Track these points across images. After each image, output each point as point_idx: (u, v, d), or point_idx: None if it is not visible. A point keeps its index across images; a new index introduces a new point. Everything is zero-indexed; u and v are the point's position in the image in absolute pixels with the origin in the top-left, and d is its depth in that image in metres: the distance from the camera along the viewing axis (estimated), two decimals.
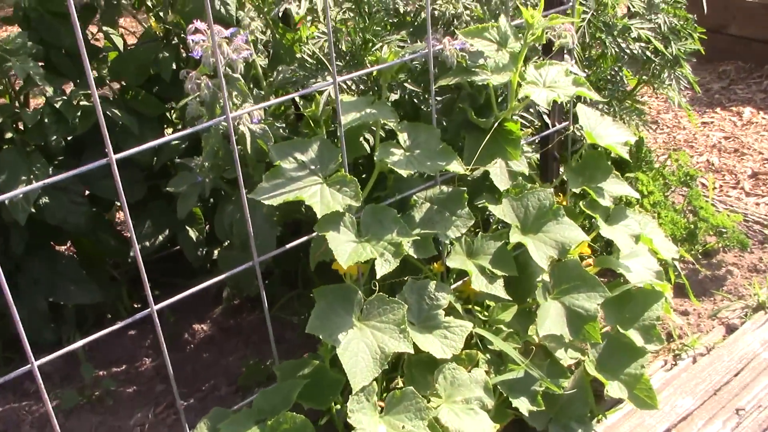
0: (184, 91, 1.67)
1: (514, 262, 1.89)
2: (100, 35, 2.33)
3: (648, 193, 2.56)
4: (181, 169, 2.07)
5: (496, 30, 1.73)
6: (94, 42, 2.34)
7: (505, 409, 1.85)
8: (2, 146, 2.08)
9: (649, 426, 1.94)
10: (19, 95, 2.11)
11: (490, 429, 1.69)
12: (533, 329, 1.93)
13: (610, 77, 2.57)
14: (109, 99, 2.25)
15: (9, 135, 2.08)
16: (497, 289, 1.82)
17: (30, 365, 1.38)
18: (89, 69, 1.30)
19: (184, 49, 2.27)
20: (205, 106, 1.76)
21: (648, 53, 2.51)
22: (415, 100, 2.01)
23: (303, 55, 1.94)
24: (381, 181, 1.90)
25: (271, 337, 1.76)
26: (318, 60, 1.89)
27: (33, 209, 2.06)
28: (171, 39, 2.27)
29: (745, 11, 4.52)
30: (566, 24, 1.88)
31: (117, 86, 2.34)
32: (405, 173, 1.66)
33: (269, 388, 1.69)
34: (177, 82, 1.91)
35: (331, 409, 1.81)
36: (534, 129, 2.16)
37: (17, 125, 2.15)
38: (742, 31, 4.58)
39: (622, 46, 2.46)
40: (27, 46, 1.93)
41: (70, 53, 2.19)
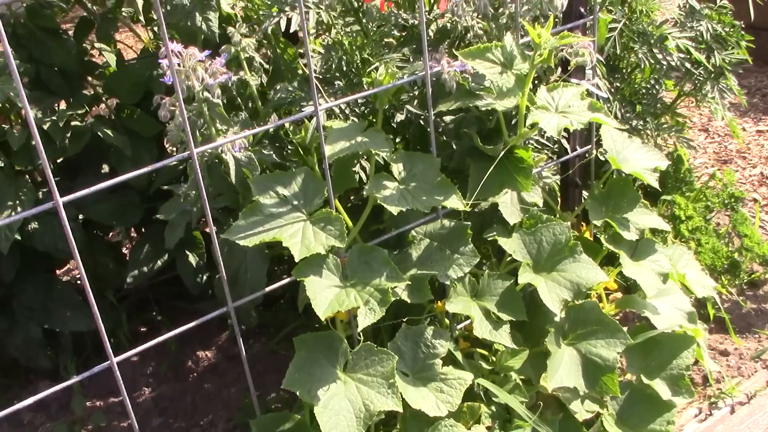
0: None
1: (523, 305, 1.71)
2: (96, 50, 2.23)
3: (686, 218, 2.33)
4: (172, 195, 1.94)
5: (500, 50, 1.55)
6: (91, 58, 2.23)
7: None
8: None
9: None
10: (6, 116, 2.02)
11: None
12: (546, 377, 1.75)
13: (645, 91, 2.35)
14: (104, 118, 2.14)
15: None
16: (502, 336, 1.64)
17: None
18: None
19: None
20: (185, 133, 1.63)
21: (687, 65, 2.28)
22: (422, 122, 1.84)
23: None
24: (379, 213, 1.74)
25: (251, 388, 1.61)
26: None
27: (19, 236, 1.97)
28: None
29: None
30: (585, 41, 1.68)
31: (114, 104, 2.23)
32: (395, 210, 1.50)
33: None
34: None
35: None
36: (552, 152, 1.96)
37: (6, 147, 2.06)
38: None
39: (659, 57, 2.24)
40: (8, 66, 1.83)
41: (62, 70, 2.08)
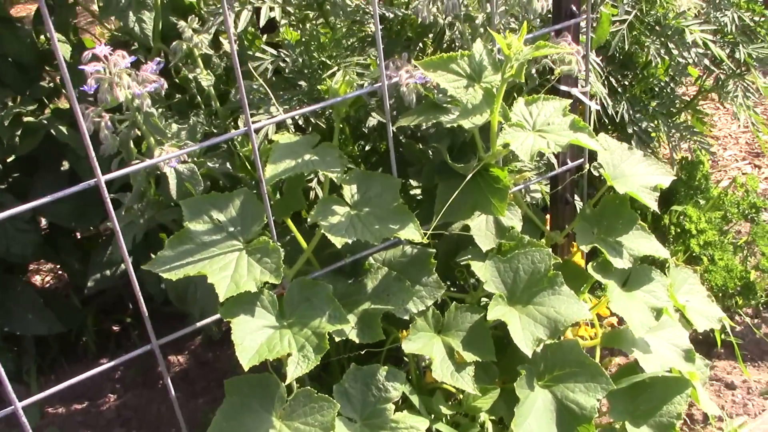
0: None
1: (492, 343, 1.53)
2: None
3: (698, 231, 2.11)
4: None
5: (467, 60, 1.34)
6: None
7: None
8: None
9: None
10: None
11: None
12: None
13: (659, 89, 2.12)
14: (64, 112, 2.00)
15: None
16: (465, 380, 1.46)
17: None
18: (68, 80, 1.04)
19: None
20: (120, 144, 1.47)
21: (706, 61, 2.04)
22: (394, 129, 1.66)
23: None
24: None
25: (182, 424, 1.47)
26: (268, 83, 1.56)
27: None
28: (131, 44, 1.98)
29: None
30: (573, 46, 1.47)
31: None
32: (338, 243, 1.32)
33: None
34: None
35: None
36: (539, 165, 1.76)
37: None
38: None
39: (674, 53, 2.00)
40: None
41: (16, 61, 1.93)
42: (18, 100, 1.95)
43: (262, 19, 1.47)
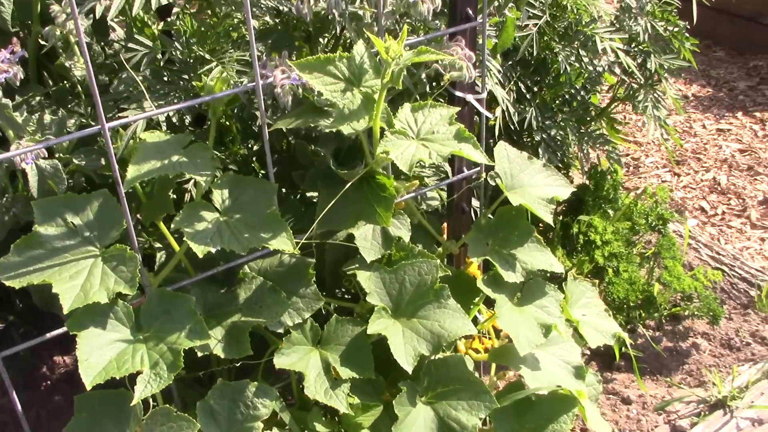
0: None
1: (372, 359, 1.46)
2: None
3: (602, 243, 2.08)
4: None
5: (346, 62, 1.26)
6: None
7: None
8: None
9: None
10: None
11: None
12: None
13: (569, 96, 2.07)
14: None
15: None
16: (337, 399, 1.39)
17: None
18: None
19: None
20: None
21: (617, 69, 2.01)
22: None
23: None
24: None
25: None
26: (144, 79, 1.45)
27: None
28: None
29: None
30: (464, 51, 1.40)
31: None
32: (200, 252, 1.24)
33: None
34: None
35: None
36: (438, 171, 1.70)
37: None
38: None
39: (585, 60, 1.96)
40: None
41: None
42: None
43: (153, 3, 1.36)
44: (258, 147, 1.62)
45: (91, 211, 1.28)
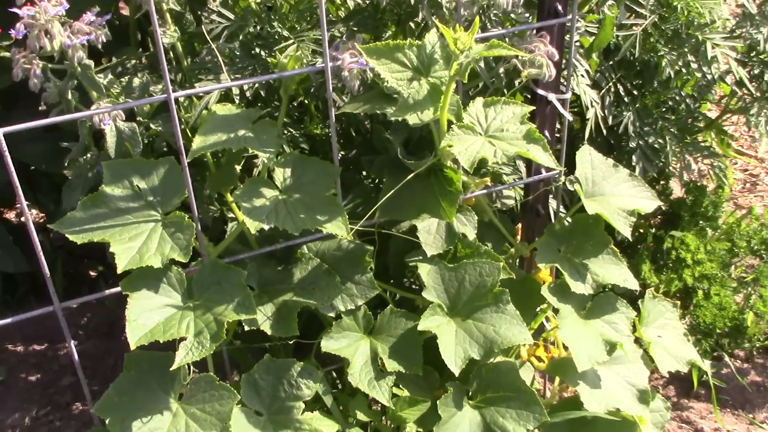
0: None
1: (421, 355, 1.43)
2: None
3: (694, 262, 1.95)
4: None
5: (415, 50, 1.23)
6: None
7: None
8: None
9: None
10: None
11: None
12: None
13: (672, 104, 1.95)
14: None
15: None
16: (380, 390, 1.37)
17: None
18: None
19: None
20: (59, 94, 1.42)
21: (728, 80, 1.87)
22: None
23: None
24: None
25: (84, 382, 1.42)
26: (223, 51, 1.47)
27: None
28: None
29: None
30: (547, 48, 1.34)
31: None
32: (253, 228, 1.24)
33: None
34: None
35: None
36: (517, 169, 1.64)
37: None
38: None
39: (693, 66, 1.84)
40: None
41: None
42: None
43: None
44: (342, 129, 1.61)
45: (156, 177, 1.32)
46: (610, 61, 1.87)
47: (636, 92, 1.90)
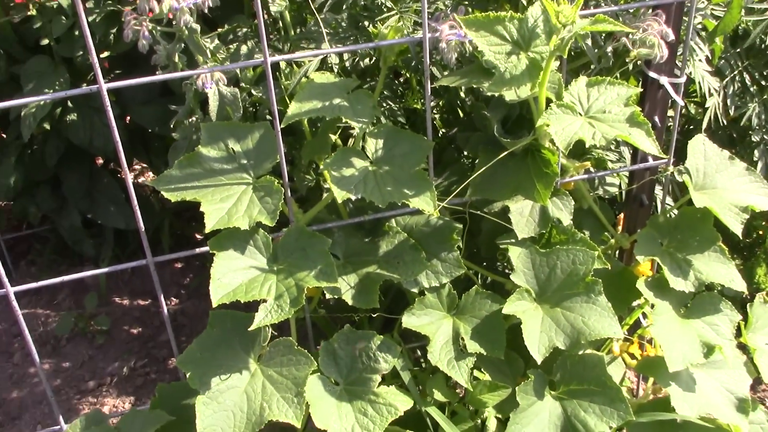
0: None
1: (504, 339, 1.39)
2: None
3: None
4: None
5: (516, 23, 1.18)
6: None
7: None
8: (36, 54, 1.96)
9: None
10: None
11: None
12: None
13: None
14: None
15: (45, 42, 1.94)
16: (459, 371, 1.35)
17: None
18: None
19: None
20: (166, 57, 1.46)
21: None
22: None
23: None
24: None
25: (172, 338, 1.46)
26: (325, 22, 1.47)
27: (48, 126, 1.94)
28: None
29: None
30: (661, 27, 1.26)
31: None
32: (340, 197, 1.24)
33: (139, 409, 1.42)
34: None
35: None
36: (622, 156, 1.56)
37: None
38: None
39: None
40: None
41: None
42: None
43: None
44: (435, 103, 1.59)
45: (251, 141, 1.33)
46: (737, 48, 1.75)
47: (764, 83, 1.77)
